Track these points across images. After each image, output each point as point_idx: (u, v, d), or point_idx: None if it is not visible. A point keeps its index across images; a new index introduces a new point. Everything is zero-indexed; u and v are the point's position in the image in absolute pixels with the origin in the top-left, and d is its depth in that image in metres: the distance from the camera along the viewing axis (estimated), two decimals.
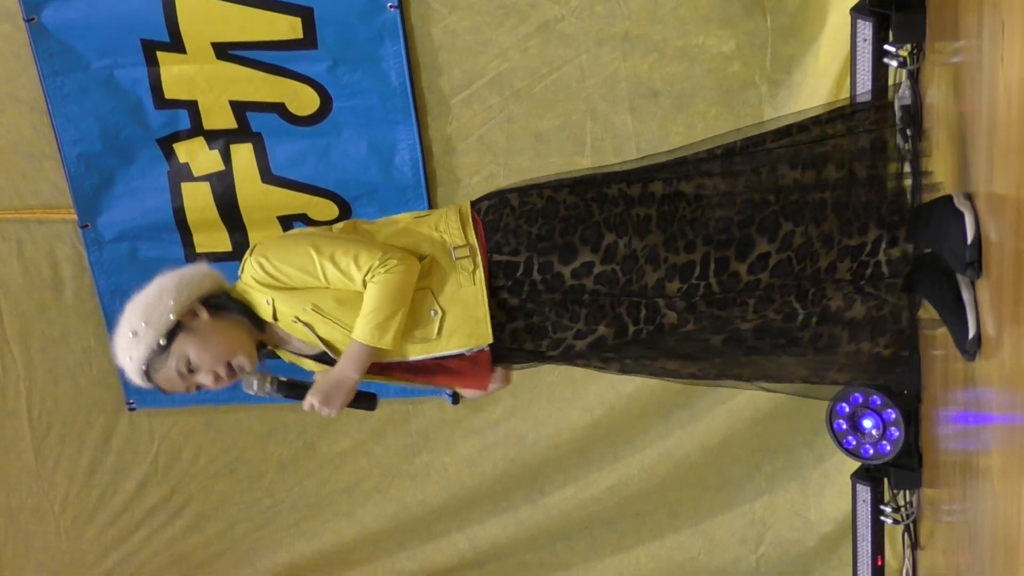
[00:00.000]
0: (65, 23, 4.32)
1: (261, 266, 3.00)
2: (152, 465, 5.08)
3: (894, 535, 4.40)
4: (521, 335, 3.07)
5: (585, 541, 5.06)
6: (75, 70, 4.40)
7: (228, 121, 4.45)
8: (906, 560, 4.31)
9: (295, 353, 3.14)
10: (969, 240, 2.83)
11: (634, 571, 5.03)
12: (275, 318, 3.04)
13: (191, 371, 3.02)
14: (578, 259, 3.00)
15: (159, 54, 4.33)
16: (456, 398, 4.81)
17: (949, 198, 2.96)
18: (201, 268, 3.14)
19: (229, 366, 3.03)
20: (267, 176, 4.51)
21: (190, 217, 4.60)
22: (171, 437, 5.04)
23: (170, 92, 4.41)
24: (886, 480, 4.23)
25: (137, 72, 4.38)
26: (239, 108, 4.42)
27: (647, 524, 4.97)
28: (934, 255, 3.03)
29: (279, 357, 3.18)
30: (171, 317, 2.99)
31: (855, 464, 4.28)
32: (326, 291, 3.01)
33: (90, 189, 4.60)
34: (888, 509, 4.25)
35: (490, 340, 3.03)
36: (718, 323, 3.06)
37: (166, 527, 5.19)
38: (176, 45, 4.30)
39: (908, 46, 3.74)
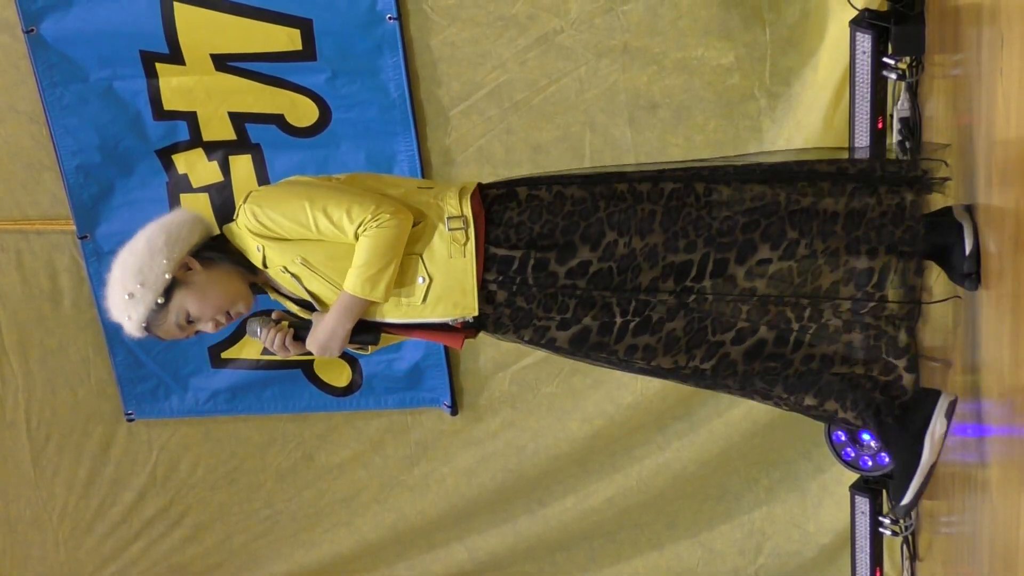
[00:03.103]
0: (64, 34, 4.32)
1: (254, 215, 3.00)
2: (150, 475, 5.07)
3: (893, 547, 4.40)
4: (504, 323, 3.04)
5: (584, 552, 5.05)
6: (74, 81, 4.40)
7: (227, 132, 4.45)
8: (905, 572, 4.30)
9: (282, 295, 3.14)
10: (967, 251, 2.82)
11: None
12: (264, 265, 3.05)
13: (190, 322, 3.05)
14: (576, 258, 2.98)
15: (158, 65, 4.33)
16: (455, 409, 4.81)
17: (948, 210, 2.96)
18: (186, 216, 3.12)
19: (228, 313, 3.07)
20: None
21: None
22: (169, 447, 5.03)
23: (169, 103, 4.41)
24: (885, 492, 4.22)
25: (136, 83, 4.38)
26: (238, 119, 4.42)
27: (646, 535, 4.96)
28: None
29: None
30: (167, 276, 3.01)
31: (854, 476, 4.28)
32: (318, 244, 3.00)
33: (89, 200, 4.59)
34: (887, 521, 4.25)
35: (475, 312, 3.00)
36: (706, 329, 3.01)
37: (164, 538, 5.19)
38: (175, 57, 4.30)
39: (907, 59, 3.74)
